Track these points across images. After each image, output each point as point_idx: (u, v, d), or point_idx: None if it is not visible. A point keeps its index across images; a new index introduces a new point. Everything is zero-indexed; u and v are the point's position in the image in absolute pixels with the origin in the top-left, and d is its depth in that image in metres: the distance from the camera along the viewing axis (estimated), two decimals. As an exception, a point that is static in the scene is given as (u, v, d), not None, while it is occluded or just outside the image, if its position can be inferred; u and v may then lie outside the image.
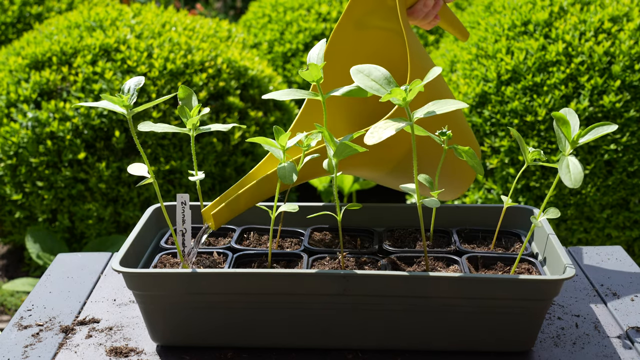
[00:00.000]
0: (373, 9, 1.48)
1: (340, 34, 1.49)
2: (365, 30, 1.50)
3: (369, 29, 1.50)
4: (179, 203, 1.35)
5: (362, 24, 1.49)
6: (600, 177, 2.21)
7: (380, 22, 1.48)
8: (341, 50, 1.49)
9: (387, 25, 1.47)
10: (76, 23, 2.84)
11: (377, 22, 1.49)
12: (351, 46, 1.50)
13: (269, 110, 2.88)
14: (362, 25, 1.49)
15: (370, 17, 1.49)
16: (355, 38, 1.50)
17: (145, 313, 1.25)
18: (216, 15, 5.27)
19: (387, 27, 1.48)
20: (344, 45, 1.49)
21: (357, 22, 1.49)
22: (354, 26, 1.49)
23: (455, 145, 1.26)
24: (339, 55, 1.48)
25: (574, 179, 1.10)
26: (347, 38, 1.49)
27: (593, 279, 1.51)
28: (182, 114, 1.30)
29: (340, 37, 1.49)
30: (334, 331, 1.24)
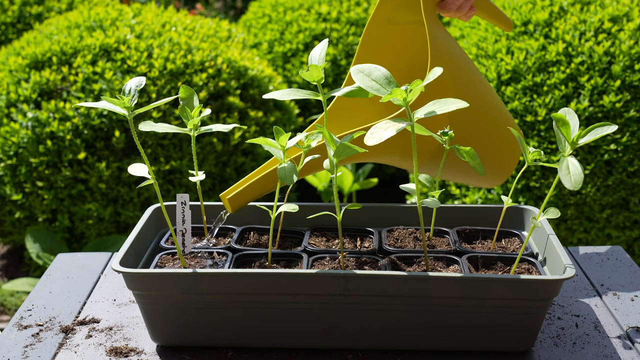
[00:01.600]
0: (404, 3, 1.49)
1: (372, 29, 1.50)
2: (397, 24, 1.51)
3: (400, 24, 1.51)
4: (179, 203, 1.35)
5: (393, 19, 1.50)
6: (600, 177, 2.21)
7: (411, 15, 1.50)
8: (373, 45, 1.51)
9: (418, 19, 1.49)
10: (76, 23, 2.84)
11: (408, 16, 1.50)
12: (383, 41, 1.51)
13: (269, 110, 2.88)
14: (394, 19, 1.50)
15: (401, 11, 1.50)
16: (387, 33, 1.51)
17: (145, 313, 1.25)
18: (216, 15, 5.27)
19: (418, 20, 1.49)
20: (376, 40, 1.51)
21: (389, 16, 1.50)
22: (386, 21, 1.50)
23: (457, 146, 1.26)
24: (371, 50, 1.50)
25: (574, 181, 1.10)
26: (379, 33, 1.51)
27: (593, 279, 1.51)
28: (184, 115, 1.30)
29: (372, 32, 1.50)
30: (334, 331, 1.24)
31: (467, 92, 1.40)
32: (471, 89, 1.42)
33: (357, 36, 3.42)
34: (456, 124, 1.33)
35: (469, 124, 1.39)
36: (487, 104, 1.45)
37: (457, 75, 1.38)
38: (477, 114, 1.41)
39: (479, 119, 1.42)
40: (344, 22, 3.46)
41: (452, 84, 1.35)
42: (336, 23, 3.47)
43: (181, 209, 1.35)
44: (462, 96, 1.35)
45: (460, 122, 1.35)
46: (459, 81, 1.38)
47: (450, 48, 1.42)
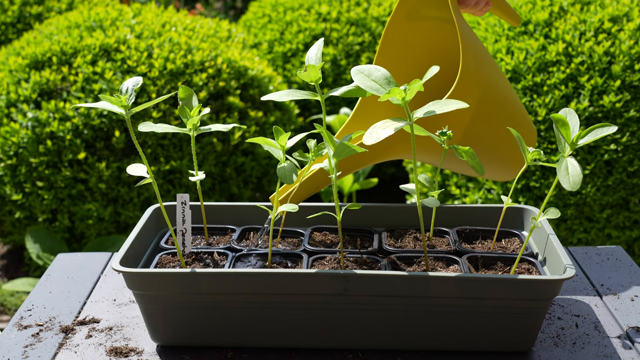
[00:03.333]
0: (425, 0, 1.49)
1: (393, 26, 1.51)
2: (417, 21, 1.51)
3: (420, 20, 1.51)
4: (179, 203, 1.35)
5: (413, 15, 1.51)
6: (600, 177, 2.21)
7: (432, 11, 1.50)
8: (394, 42, 1.51)
9: (438, 15, 1.49)
10: (76, 23, 2.84)
11: (429, 12, 1.51)
12: (404, 38, 1.52)
13: (269, 110, 2.88)
14: (414, 16, 1.51)
15: (422, 7, 1.50)
16: (407, 29, 1.52)
17: (145, 313, 1.25)
18: (216, 15, 5.27)
19: (439, 16, 1.49)
20: (397, 37, 1.51)
21: (409, 13, 1.50)
22: (406, 17, 1.51)
23: (456, 145, 1.26)
24: (392, 48, 1.51)
25: (573, 182, 1.10)
26: (399, 30, 1.51)
27: (593, 279, 1.51)
28: (183, 114, 1.30)
29: (393, 29, 1.51)
30: (334, 331, 1.24)
31: (493, 86, 1.42)
32: (496, 83, 1.44)
33: (357, 36, 3.42)
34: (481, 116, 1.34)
35: (494, 117, 1.41)
36: (509, 97, 1.47)
37: (483, 70, 1.39)
38: (501, 107, 1.43)
39: (502, 112, 1.44)
40: (344, 22, 3.46)
41: (481, 79, 1.36)
42: (336, 23, 3.47)
43: (181, 208, 1.35)
44: (490, 90, 1.37)
45: (485, 115, 1.36)
46: (486, 75, 1.40)
47: (476, 43, 1.43)
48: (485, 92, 1.37)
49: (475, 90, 1.34)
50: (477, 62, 1.36)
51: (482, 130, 1.35)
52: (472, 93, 1.33)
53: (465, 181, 2.42)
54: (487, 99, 1.37)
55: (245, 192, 2.76)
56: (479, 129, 1.34)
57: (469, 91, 1.32)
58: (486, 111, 1.37)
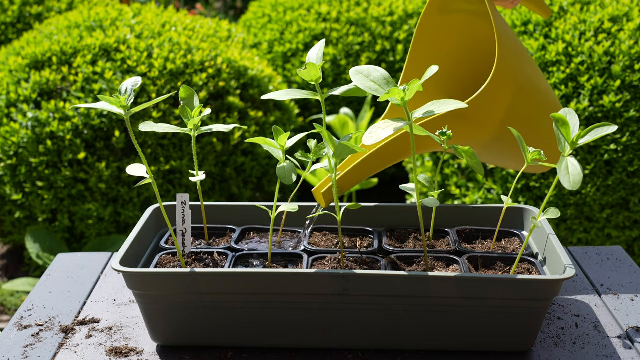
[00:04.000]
0: None
1: (425, 19, 1.51)
2: (450, 14, 1.52)
3: (453, 13, 1.52)
4: (179, 203, 1.35)
5: (446, 8, 1.51)
6: (600, 177, 2.21)
7: (464, 4, 1.51)
8: (427, 36, 1.52)
9: (470, 8, 1.49)
10: (76, 23, 2.84)
11: (461, 5, 1.51)
12: (436, 31, 1.52)
13: (269, 110, 2.88)
14: (446, 9, 1.51)
15: (455, 1, 1.50)
16: (440, 23, 1.52)
17: (145, 313, 1.25)
18: (216, 15, 5.27)
19: (471, 9, 1.50)
20: (430, 31, 1.52)
21: (441, 6, 1.51)
22: (438, 11, 1.51)
23: (455, 146, 1.26)
24: (425, 41, 1.51)
25: (573, 181, 1.10)
26: (432, 23, 1.52)
27: (593, 279, 1.51)
28: (184, 114, 1.30)
29: (425, 23, 1.51)
30: (334, 331, 1.24)
31: (528, 79, 1.43)
32: (531, 76, 1.45)
33: (357, 36, 3.42)
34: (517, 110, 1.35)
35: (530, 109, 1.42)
36: (543, 89, 1.48)
37: (518, 63, 1.40)
38: (536, 100, 1.44)
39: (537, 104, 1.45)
40: (344, 22, 3.46)
41: (516, 73, 1.37)
42: (336, 23, 3.47)
43: (181, 208, 1.35)
44: (525, 83, 1.39)
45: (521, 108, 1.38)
46: (521, 69, 1.40)
47: (511, 36, 1.43)
48: (520, 86, 1.38)
49: (511, 84, 1.35)
50: (512, 56, 1.37)
51: (519, 123, 1.35)
52: (507, 87, 1.34)
53: (465, 181, 2.42)
54: (523, 92, 1.38)
55: (245, 192, 2.76)
56: (515, 122, 1.34)
57: (504, 85, 1.33)
58: (522, 104, 1.38)
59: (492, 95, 1.32)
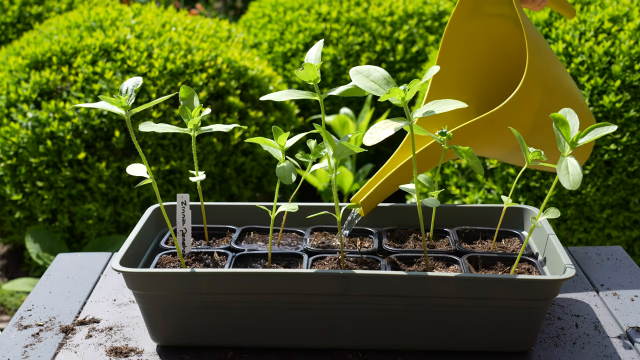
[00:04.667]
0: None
1: (454, 23, 1.52)
2: (478, 18, 1.52)
3: (482, 17, 1.52)
4: (179, 203, 1.35)
5: (475, 12, 1.51)
6: (600, 177, 2.21)
7: (493, 9, 1.51)
8: (455, 40, 1.53)
9: (499, 12, 1.50)
10: (76, 23, 2.84)
11: (490, 8, 1.51)
12: (465, 34, 1.53)
13: (269, 110, 2.88)
14: (475, 13, 1.52)
15: (483, 4, 1.51)
16: (469, 27, 1.52)
17: (145, 313, 1.25)
18: (216, 15, 5.27)
19: (500, 13, 1.50)
20: (458, 34, 1.52)
21: (470, 10, 1.51)
22: (467, 15, 1.51)
23: (456, 146, 1.26)
24: (453, 44, 1.52)
25: (573, 181, 1.10)
26: (461, 27, 1.52)
27: (593, 279, 1.51)
28: (184, 115, 1.30)
29: (454, 26, 1.52)
30: (334, 331, 1.24)
31: (557, 81, 1.44)
32: (559, 77, 1.46)
33: (357, 36, 3.42)
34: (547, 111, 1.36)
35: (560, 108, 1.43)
36: (570, 90, 1.49)
37: (548, 66, 1.40)
38: (565, 100, 1.45)
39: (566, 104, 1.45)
40: (344, 22, 3.46)
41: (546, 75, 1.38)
42: (336, 23, 3.47)
43: (181, 209, 1.35)
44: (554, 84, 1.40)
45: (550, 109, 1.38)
46: (550, 71, 1.42)
47: (540, 39, 1.44)
48: (549, 88, 1.39)
49: (540, 87, 1.36)
50: (541, 59, 1.38)
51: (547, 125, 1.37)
52: (537, 90, 1.35)
53: (465, 181, 2.42)
54: (551, 94, 1.39)
55: (245, 192, 2.76)
56: (544, 123, 1.35)
57: (534, 89, 1.34)
58: (550, 105, 1.38)
59: (522, 99, 1.34)
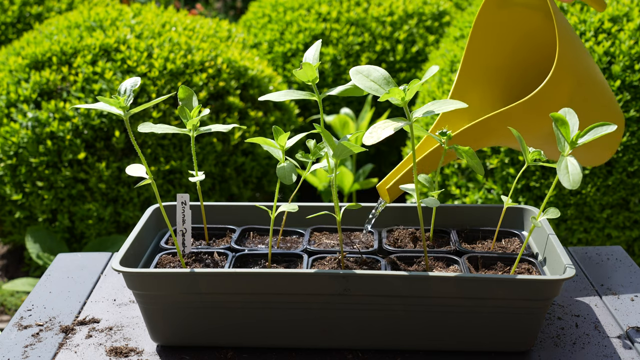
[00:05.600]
0: None
1: (484, 13, 1.51)
2: (508, 8, 1.51)
3: (511, 7, 1.51)
4: (179, 203, 1.35)
5: (505, 2, 1.51)
6: (600, 177, 2.21)
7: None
8: (485, 30, 1.52)
9: (530, 3, 1.49)
10: (76, 23, 2.84)
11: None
12: (495, 26, 1.52)
13: (269, 110, 2.88)
14: (505, 3, 1.51)
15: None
16: (498, 17, 1.52)
17: (145, 313, 1.25)
18: (216, 15, 5.27)
19: (529, 3, 1.49)
20: (488, 26, 1.52)
21: (499, 1, 1.50)
22: (497, 5, 1.51)
23: (456, 146, 1.26)
24: (483, 36, 1.51)
25: (573, 180, 1.10)
26: (490, 18, 1.51)
27: (593, 279, 1.51)
28: (183, 115, 1.30)
29: (483, 18, 1.51)
30: (334, 331, 1.24)
31: (587, 73, 1.43)
32: (589, 69, 1.45)
33: (357, 36, 3.42)
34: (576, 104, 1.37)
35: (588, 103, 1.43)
36: (600, 83, 1.49)
37: (578, 58, 1.41)
38: (594, 93, 1.45)
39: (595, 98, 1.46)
40: (344, 22, 3.46)
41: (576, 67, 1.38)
42: (336, 23, 3.47)
43: (181, 209, 1.35)
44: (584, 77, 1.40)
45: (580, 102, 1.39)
46: (580, 63, 1.41)
47: (570, 30, 1.44)
48: (579, 79, 1.39)
49: (571, 79, 1.35)
50: (572, 50, 1.37)
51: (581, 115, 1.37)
52: (567, 80, 1.35)
53: (465, 181, 2.42)
54: (581, 85, 1.39)
55: (245, 192, 2.76)
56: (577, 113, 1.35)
57: (564, 79, 1.34)
58: (580, 97, 1.38)
59: (552, 89, 1.33)
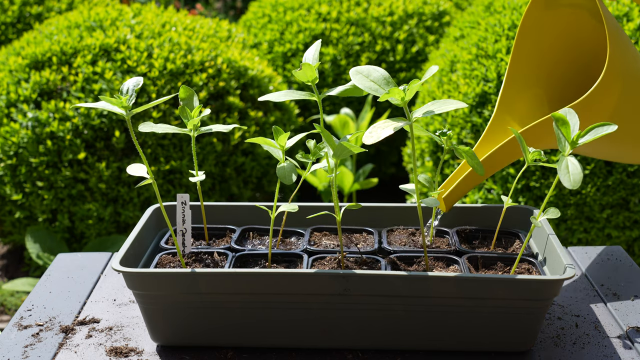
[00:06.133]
0: None
1: (530, 15, 1.50)
2: (556, 9, 1.50)
3: (558, 7, 1.50)
4: (179, 203, 1.35)
5: (552, 3, 1.50)
6: (600, 177, 2.21)
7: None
8: (531, 33, 1.51)
9: (577, 2, 1.48)
10: (76, 23, 2.84)
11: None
12: (541, 28, 1.51)
13: (269, 110, 2.88)
14: (553, 4, 1.50)
15: None
16: (544, 18, 1.51)
17: (145, 313, 1.25)
18: (216, 15, 5.27)
19: (578, 4, 1.48)
20: (534, 28, 1.51)
21: (548, 1, 1.49)
22: (545, 6, 1.50)
23: (456, 146, 1.26)
24: (529, 39, 1.51)
25: (573, 180, 1.10)
26: (536, 19, 1.50)
27: (593, 279, 1.51)
28: (183, 115, 1.30)
29: (530, 18, 1.50)
30: (334, 331, 1.24)
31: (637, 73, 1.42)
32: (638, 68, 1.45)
33: (357, 36, 3.42)
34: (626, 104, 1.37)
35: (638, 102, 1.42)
36: None
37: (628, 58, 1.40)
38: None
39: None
40: (344, 22, 3.46)
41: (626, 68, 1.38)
42: (336, 23, 3.47)
43: (181, 209, 1.35)
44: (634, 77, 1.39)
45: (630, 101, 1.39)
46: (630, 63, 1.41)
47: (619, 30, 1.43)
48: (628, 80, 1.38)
49: (620, 80, 1.35)
50: (621, 51, 1.37)
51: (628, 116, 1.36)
52: (617, 83, 1.34)
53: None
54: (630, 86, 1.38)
55: (245, 192, 2.76)
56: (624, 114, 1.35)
57: (615, 79, 1.33)
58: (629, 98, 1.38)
59: (602, 92, 1.33)
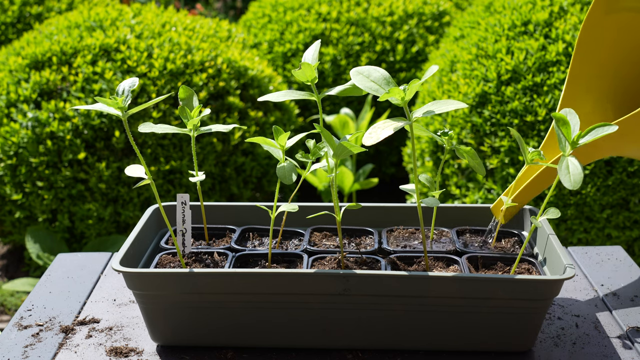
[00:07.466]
0: None
1: (591, 19, 1.49)
2: (616, 13, 1.49)
3: (618, 12, 1.49)
4: (179, 203, 1.35)
5: (612, 7, 1.49)
6: (600, 177, 2.21)
7: (632, 2, 1.48)
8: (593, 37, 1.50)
9: (637, 5, 1.47)
10: (76, 23, 2.84)
11: (629, 2, 1.48)
12: (603, 32, 1.50)
13: (269, 110, 2.88)
14: (613, 8, 1.49)
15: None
16: (605, 22, 1.50)
17: (145, 313, 1.25)
18: (216, 15, 5.27)
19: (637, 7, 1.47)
20: (596, 32, 1.50)
21: (608, 5, 1.48)
22: (604, 10, 1.49)
23: (457, 146, 1.26)
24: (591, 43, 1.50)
25: (574, 180, 1.10)
26: (598, 23, 1.49)
27: (593, 279, 1.51)
28: (183, 115, 1.30)
29: (591, 22, 1.49)
30: (334, 331, 1.24)
31: None
32: None
33: (357, 36, 3.41)
34: None
35: None
36: None
37: None
38: None
39: None
40: (344, 22, 3.46)
41: None
42: (336, 23, 3.47)
43: (181, 209, 1.35)
44: None
45: None
46: None
47: None
48: None
49: None
50: None
51: None
52: None
53: (465, 181, 2.42)
54: None
55: (245, 192, 2.76)
56: None
57: None
58: None
59: None
